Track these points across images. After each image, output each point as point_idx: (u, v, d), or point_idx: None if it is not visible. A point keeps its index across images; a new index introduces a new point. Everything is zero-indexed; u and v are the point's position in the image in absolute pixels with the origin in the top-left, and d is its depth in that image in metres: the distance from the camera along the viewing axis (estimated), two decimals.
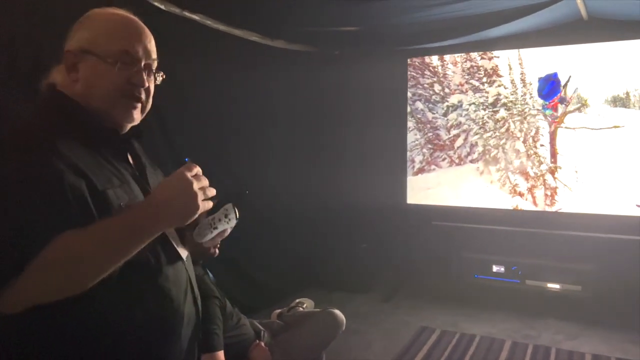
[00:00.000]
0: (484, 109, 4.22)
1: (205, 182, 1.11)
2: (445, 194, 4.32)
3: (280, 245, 4.01)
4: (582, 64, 3.70)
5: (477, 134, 4.28)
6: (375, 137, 4.38)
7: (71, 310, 0.97)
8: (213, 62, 3.35)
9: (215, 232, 1.27)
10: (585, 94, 3.70)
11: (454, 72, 4.36)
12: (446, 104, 4.37)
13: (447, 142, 4.41)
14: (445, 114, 4.38)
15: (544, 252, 3.75)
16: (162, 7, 2.82)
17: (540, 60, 3.88)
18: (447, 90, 4.36)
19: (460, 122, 4.38)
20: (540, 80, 3.82)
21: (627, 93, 3.55)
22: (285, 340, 1.94)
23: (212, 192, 1.12)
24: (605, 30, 3.51)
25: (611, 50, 3.59)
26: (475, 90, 4.29)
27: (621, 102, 3.55)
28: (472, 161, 4.31)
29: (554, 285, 3.65)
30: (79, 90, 1.13)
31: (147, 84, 1.17)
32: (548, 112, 3.81)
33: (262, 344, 1.88)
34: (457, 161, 4.40)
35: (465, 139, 4.35)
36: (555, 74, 3.75)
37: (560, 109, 3.78)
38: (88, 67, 1.11)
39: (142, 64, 1.16)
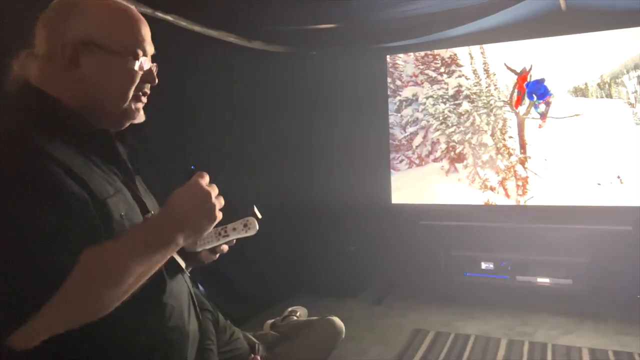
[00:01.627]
0: (444, 103, 3.99)
1: (216, 190, 1.05)
2: (406, 197, 4.17)
3: (264, 251, 3.88)
4: (546, 54, 3.70)
5: (438, 130, 4.06)
6: (357, 137, 4.30)
7: (75, 338, 0.86)
8: (189, 64, 3.23)
9: (225, 239, 1.20)
10: (550, 85, 3.70)
11: (405, 61, 4.12)
12: (398, 98, 4.15)
13: (404, 142, 4.19)
14: (398, 110, 4.17)
15: (533, 247, 3.73)
16: (132, 7, 2.69)
17: (503, 50, 3.83)
18: (398, 82, 4.13)
19: (417, 118, 4.13)
20: (533, 83, 3.73)
21: (586, 84, 3.60)
22: (283, 354, 1.82)
23: (222, 201, 1.07)
24: (581, 22, 3.50)
25: (574, 42, 3.61)
26: (432, 81, 4.02)
27: (581, 92, 3.61)
28: (434, 160, 4.11)
29: (544, 280, 3.62)
30: (81, 88, 1.00)
31: (156, 81, 1.09)
32: (540, 109, 3.74)
33: (258, 358, 1.77)
34: (417, 162, 4.18)
35: (425, 137, 4.10)
36: (542, 79, 3.71)
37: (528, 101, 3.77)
38: (95, 62, 1.01)
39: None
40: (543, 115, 3.71)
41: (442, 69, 4.04)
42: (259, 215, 1.27)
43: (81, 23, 1.00)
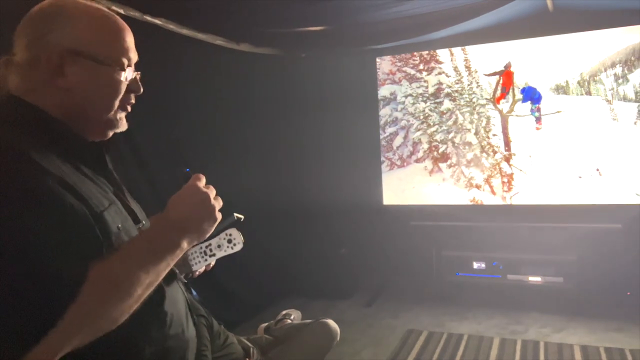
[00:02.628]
0: (424, 101, 3.90)
1: (214, 191, 1.05)
2: (389, 199, 4.14)
3: (256, 255, 3.86)
4: (528, 52, 3.73)
5: (419, 129, 3.96)
6: (347, 139, 4.30)
7: (82, 351, 0.85)
8: (178, 67, 3.22)
9: (213, 259, 1.22)
10: (533, 83, 3.72)
11: (381, 58, 4.04)
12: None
13: (384, 143, 4.11)
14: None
15: (524, 246, 3.74)
16: (121, 11, 2.67)
17: (484, 47, 3.84)
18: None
19: (396, 118, 4.04)
20: (528, 89, 3.74)
21: (567, 82, 3.64)
22: (277, 357, 1.81)
23: (221, 202, 1.06)
24: (568, 22, 3.53)
25: (556, 41, 3.65)
26: (411, 79, 3.90)
27: (562, 89, 3.66)
28: (417, 161, 4.04)
29: (535, 278, 3.63)
30: (66, 97, 0.98)
31: (142, 90, 1.07)
32: (536, 114, 3.75)
33: None
34: (398, 163, 4.10)
35: (406, 137, 4.00)
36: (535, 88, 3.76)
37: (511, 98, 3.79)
38: (82, 71, 0.98)
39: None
40: (538, 119, 3.74)
41: (421, 66, 3.94)
42: (241, 217, 1.27)
43: (66, 32, 0.98)
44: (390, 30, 3.69)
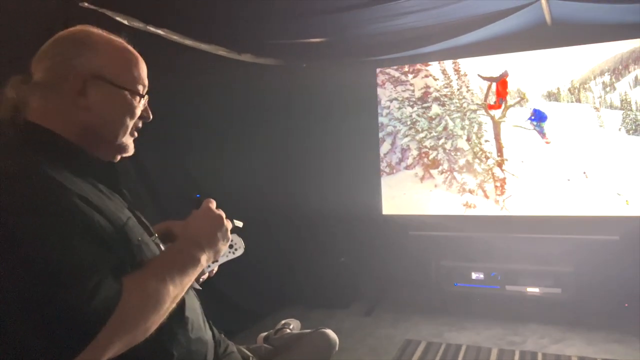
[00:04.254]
0: (411, 106, 3.80)
1: (224, 214, 1.19)
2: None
3: (254, 263, 3.87)
4: (521, 60, 3.77)
5: (407, 135, 3.86)
6: (347, 149, 4.33)
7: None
8: (180, 76, 3.24)
9: (216, 265, 1.28)
10: (524, 89, 3.76)
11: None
12: None
13: None
14: None
15: (522, 257, 3.76)
16: (125, 22, 2.71)
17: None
18: None
19: (382, 124, 3.96)
20: (538, 111, 3.76)
21: (559, 89, 3.67)
22: None
23: (230, 224, 1.22)
24: (566, 36, 3.58)
25: (551, 50, 3.70)
26: (396, 82, 3.77)
27: (554, 96, 3.69)
28: (407, 168, 3.97)
29: (533, 289, 3.65)
30: (84, 118, 1.05)
31: (151, 117, 1.17)
32: (544, 130, 3.77)
33: None
34: (387, 170, 4.04)
35: (393, 144, 3.91)
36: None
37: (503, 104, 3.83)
38: (102, 93, 1.07)
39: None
40: (544, 134, 3.77)
41: (407, 68, 3.84)
42: (240, 224, 1.32)
43: (91, 58, 1.06)
44: (390, 42, 3.73)
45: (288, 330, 2.23)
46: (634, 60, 3.48)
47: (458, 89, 3.77)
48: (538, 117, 3.76)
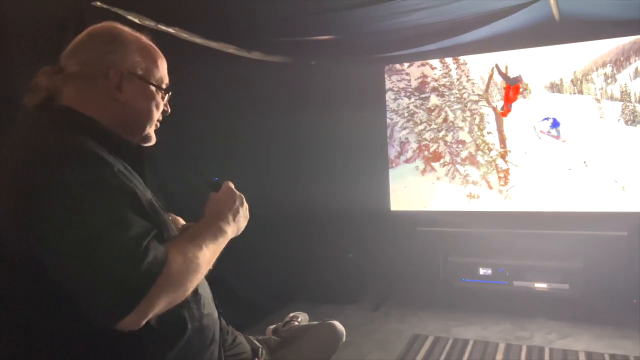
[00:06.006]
0: (408, 97, 3.71)
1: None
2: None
3: (264, 258, 3.92)
4: (525, 51, 3.77)
5: (404, 128, 3.79)
6: (356, 145, 4.35)
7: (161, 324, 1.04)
8: (191, 74, 3.29)
9: None
10: (527, 80, 3.76)
11: None
12: None
13: None
14: None
15: (530, 252, 3.77)
16: (137, 20, 2.76)
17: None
18: None
19: None
20: (555, 120, 3.77)
21: (561, 80, 3.67)
22: (284, 357, 1.86)
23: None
24: (574, 32, 3.57)
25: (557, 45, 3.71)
26: (390, 71, 3.66)
27: (557, 88, 3.69)
28: (406, 161, 3.91)
29: (541, 285, 3.65)
30: (118, 110, 1.16)
31: (170, 111, 1.29)
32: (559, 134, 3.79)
33: None
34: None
35: (391, 136, 3.84)
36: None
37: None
38: (136, 89, 1.19)
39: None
40: (558, 136, 3.79)
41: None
42: None
43: (125, 55, 1.17)
44: (398, 39, 3.75)
45: (296, 323, 2.26)
46: (635, 52, 3.48)
47: (457, 79, 3.70)
48: (555, 124, 3.78)
